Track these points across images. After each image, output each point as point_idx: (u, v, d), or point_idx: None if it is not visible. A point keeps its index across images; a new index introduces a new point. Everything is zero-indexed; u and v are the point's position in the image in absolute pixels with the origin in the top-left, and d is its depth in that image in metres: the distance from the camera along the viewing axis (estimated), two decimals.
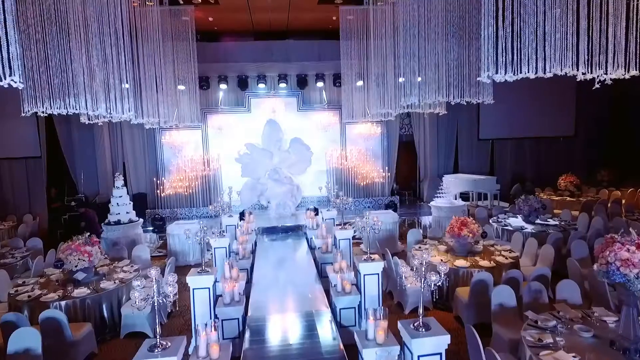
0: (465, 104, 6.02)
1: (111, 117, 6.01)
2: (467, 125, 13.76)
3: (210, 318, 4.99)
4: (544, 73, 3.40)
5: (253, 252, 8.50)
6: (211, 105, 12.40)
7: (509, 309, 4.68)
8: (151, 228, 9.81)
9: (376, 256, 5.61)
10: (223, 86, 12.24)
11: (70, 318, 5.01)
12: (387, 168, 12.49)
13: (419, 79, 6.13)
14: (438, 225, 9.68)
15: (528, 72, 3.37)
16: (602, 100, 13.71)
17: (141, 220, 9.15)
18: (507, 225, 8.25)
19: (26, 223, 10.34)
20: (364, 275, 5.34)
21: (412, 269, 3.87)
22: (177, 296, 3.57)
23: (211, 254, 7.24)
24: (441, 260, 6.18)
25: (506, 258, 6.14)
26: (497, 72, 3.39)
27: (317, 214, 9.69)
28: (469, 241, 6.44)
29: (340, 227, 7.50)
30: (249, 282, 6.95)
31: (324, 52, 12.56)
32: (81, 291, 5.35)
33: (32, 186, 11.88)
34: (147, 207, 11.63)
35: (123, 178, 9.15)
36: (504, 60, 3.35)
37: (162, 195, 11.32)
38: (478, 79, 3.61)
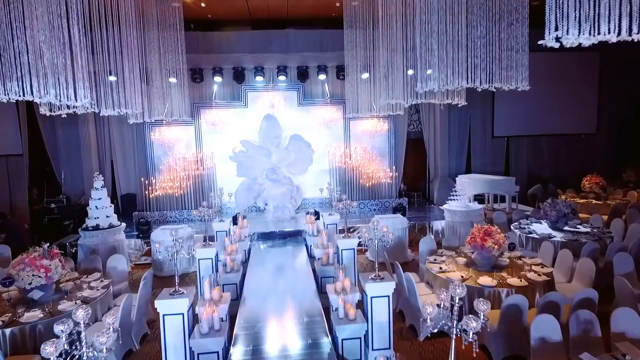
0: (494, 90, 5.08)
1: (76, 109, 5.16)
2: (480, 121, 12.79)
3: (185, 352, 4.11)
4: (629, 35, 2.49)
5: (246, 261, 7.64)
6: (205, 99, 11.51)
7: (553, 345, 3.75)
8: (137, 233, 8.94)
9: (385, 274, 4.70)
10: (218, 79, 11.36)
11: (17, 348, 4.14)
12: (394, 167, 11.55)
13: (430, 72, 5.19)
14: (452, 231, 8.75)
15: (608, 32, 2.46)
16: (626, 95, 12.71)
17: (123, 225, 8.28)
18: (531, 233, 7.30)
19: None
20: (371, 297, 4.43)
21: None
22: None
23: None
24: (462, 276, 5.26)
25: (539, 275, 5.20)
26: (567, 33, 2.49)
27: (317, 218, 8.80)
28: (494, 254, 5.51)
29: (343, 235, 6.58)
30: (237, 298, 6.08)
31: (327, 42, 11.63)
32: (33, 315, 4.47)
33: (14, 186, 11.07)
34: (136, 209, 10.78)
35: (103, 178, 8.25)
36: (576, 15, 2.44)
37: (150, 196, 10.46)
38: (540, 42, 2.71)
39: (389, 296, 4.45)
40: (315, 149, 10.84)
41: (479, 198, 10.71)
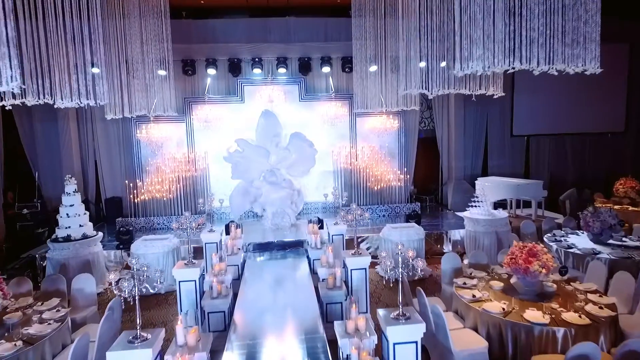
0: (555, 73, 4.03)
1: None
2: (498, 118, 11.74)
3: None
4: None
5: (239, 277, 6.63)
6: (197, 93, 10.49)
7: None
8: (117, 243, 7.92)
9: (411, 311, 3.67)
10: (211, 71, 10.33)
11: None
12: (405, 169, 10.50)
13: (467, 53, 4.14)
14: (473, 242, 7.71)
15: None
16: None
17: (100, 235, 7.27)
18: (571, 247, 6.25)
19: None
20: (394, 344, 3.41)
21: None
22: None
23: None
24: (502, 308, 4.22)
25: (600, 307, 4.15)
26: None
27: (321, 227, 7.78)
28: (541, 279, 4.48)
29: (353, 252, 5.55)
30: (225, 329, 5.06)
31: (332, 31, 10.60)
32: None
33: None
34: (123, 214, 9.75)
35: (76, 181, 7.24)
36: None
37: (135, 200, 9.44)
38: None
39: (417, 342, 3.42)
40: (319, 149, 9.79)
41: (500, 203, 9.65)
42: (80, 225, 6.88)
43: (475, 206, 8.02)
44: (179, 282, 5.09)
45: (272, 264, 7.30)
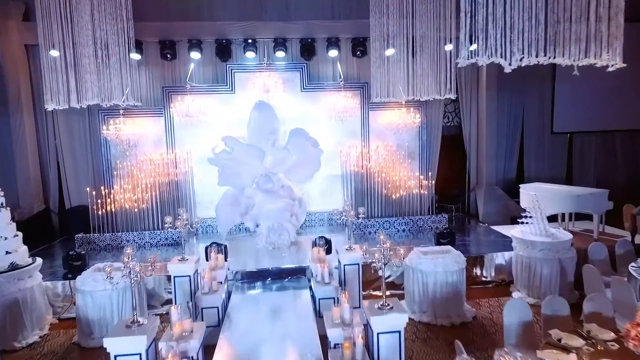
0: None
1: None
2: (537, 113, 9.96)
3: None
4: None
5: (219, 322, 4.94)
6: (179, 82, 8.73)
7: None
8: (66, 271, 6.16)
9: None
10: (195, 55, 8.57)
11: None
12: (429, 173, 8.70)
13: None
14: (527, 271, 5.93)
15: None
16: None
17: (38, 262, 5.54)
18: None
19: None
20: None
21: None
22: None
23: None
24: None
25: None
26: None
27: (329, 251, 6.04)
28: None
29: (378, 305, 3.79)
30: None
31: (340, 6, 8.90)
32: None
33: None
34: (88, 226, 7.94)
35: (2, 193, 5.47)
36: None
37: (100, 212, 7.70)
38: None
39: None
40: (324, 148, 8.10)
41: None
42: (6, 252, 5.14)
43: (526, 222, 6.24)
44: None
45: (264, 301, 5.59)
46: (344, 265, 5.35)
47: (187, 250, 7.50)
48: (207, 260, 5.83)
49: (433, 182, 8.41)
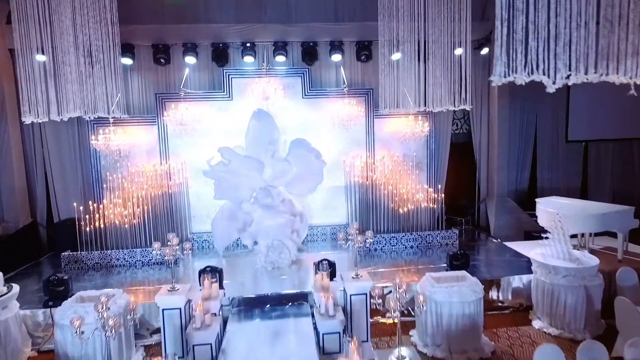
0: None
1: None
2: (550, 120, 9.47)
3: None
4: None
5: (213, 357, 4.47)
6: (173, 88, 8.25)
7: None
8: (47, 298, 5.66)
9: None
10: (190, 59, 8.09)
11: None
12: (439, 186, 8.20)
13: None
14: (548, 299, 5.44)
15: None
16: None
17: (14, 291, 5.06)
18: None
19: None
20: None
21: None
22: None
23: None
24: None
25: None
26: None
27: (333, 275, 5.55)
28: None
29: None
30: None
31: (344, 8, 8.40)
32: None
33: None
34: (79, 242, 7.41)
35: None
36: None
37: (88, 228, 7.20)
38: None
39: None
40: (327, 158, 7.66)
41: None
42: None
43: (547, 244, 5.74)
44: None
45: (263, 330, 5.13)
46: (350, 295, 4.86)
47: (182, 269, 7.07)
48: (200, 285, 5.35)
49: (441, 196, 7.89)
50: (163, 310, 4.66)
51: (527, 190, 9.49)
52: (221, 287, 5.40)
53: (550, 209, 6.62)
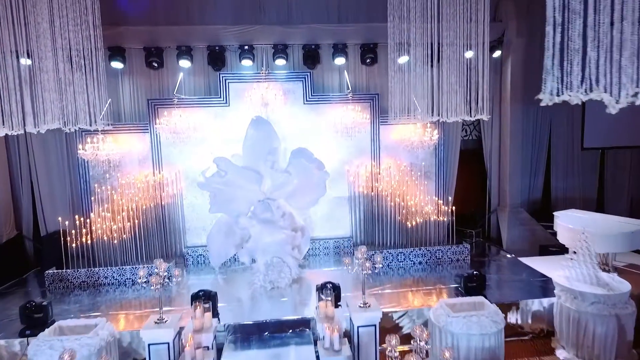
0: None
1: None
2: (565, 126, 8.99)
3: None
4: None
5: None
6: (167, 93, 7.78)
7: None
8: (23, 327, 5.17)
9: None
10: (185, 63, 7.63)
11: None
12: (449, 198, 7.71)
13: None
14: (574, 327, 4.94)
15: None
16: None
17: None
18: None
19: None
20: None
21: None
22: None
23: None
24: None
25: None
26: None
27: (337, 299, 5.07)
28: None
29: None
30: None
31: (347, 8, 7.92)
32: None
33: None
34: (64, 259, 6.96)
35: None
36: None
37: (75, 244, 6.72)
38: None
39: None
40: (330, 167, 7.25)
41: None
42: None
43: (571, 266, 5.26)
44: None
45: (262, 359, 4.66)
46: (358, 327, 4.38)
47: (174, 287, 6.58)
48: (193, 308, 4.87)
49: (453, 208, 7.41)
50: (149, 345, 4.19)
51: (540, 200, 9.01)
52: (215, 314, 4.92)
53: (571, 225, 6.14)
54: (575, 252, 5.33)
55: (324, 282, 5.15)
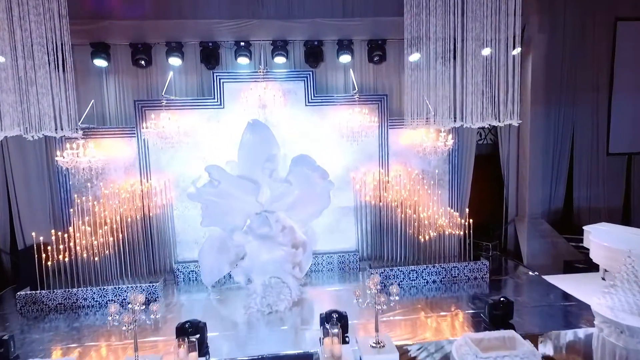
0: None
1: None
2: (589, 130, 8.29)
3: None
4: None
5: None
6: (156, 94, 7.10)
7: None
8: None
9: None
10: (175, 61, 6.96)
11: None
12: (466, 211, 7.00)
13: None
14: None
15: None
16: None
17: None
18: None
19: None
20: None
21: None
22: None
23: None
24: None
25: None
26: None
27: (345, 336, 4.39)
28: None
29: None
30: None
31: (353, 1, 7.22)
32: None
33: None
34: (38, 279, 6.26)
35: None
36: None
37: (47, 263, 6.03)
38: None
39: None
40: (334, 174, 6.58)
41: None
42: None
43: (611, 291, 4.58)
44: None
45: None
46: None
47: (163, 307, 5.89)
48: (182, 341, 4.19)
49: (471, 220, 6.72)
50: None
51: (561, 210, 8.32)
52: (204, 351, 4.24)
53: (606, 244, 5.45)
54: (615, 276, 4.65)
55: (329, 310, 4.48)
